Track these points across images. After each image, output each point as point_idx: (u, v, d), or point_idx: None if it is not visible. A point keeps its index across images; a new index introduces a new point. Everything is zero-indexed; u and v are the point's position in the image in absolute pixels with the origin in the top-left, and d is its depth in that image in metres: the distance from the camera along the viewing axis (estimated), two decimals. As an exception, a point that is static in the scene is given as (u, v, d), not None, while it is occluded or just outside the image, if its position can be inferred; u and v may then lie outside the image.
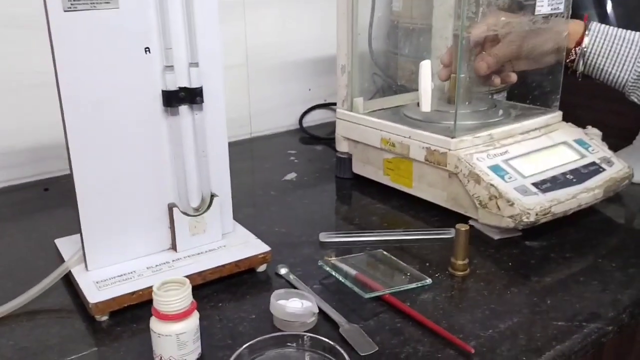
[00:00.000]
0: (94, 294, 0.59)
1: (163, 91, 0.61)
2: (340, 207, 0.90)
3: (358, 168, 0.94)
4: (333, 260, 0.69)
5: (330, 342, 0.53)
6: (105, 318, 0.59)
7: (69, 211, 0.62)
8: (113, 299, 0.59)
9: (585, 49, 0.84)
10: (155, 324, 0.51)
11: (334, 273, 0.66)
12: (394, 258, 0.70)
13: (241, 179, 0.98)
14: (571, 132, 0.86)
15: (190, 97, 0.63)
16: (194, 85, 0.62)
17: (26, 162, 0.96)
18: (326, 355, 0.53)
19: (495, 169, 0.75)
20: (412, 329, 0.58)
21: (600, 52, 0.83)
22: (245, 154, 1.13)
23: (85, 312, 0.60)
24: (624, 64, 0.83)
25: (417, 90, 0.88)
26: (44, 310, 0.61)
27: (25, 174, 0.96)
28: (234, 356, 0.51)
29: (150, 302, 0.55)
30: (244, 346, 0.52)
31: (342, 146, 0.95)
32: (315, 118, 1.29)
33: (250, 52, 1.16)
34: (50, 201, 0.90)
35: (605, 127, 0.95)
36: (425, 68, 0.79)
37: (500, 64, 0.84)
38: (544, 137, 0.84)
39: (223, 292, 0.64)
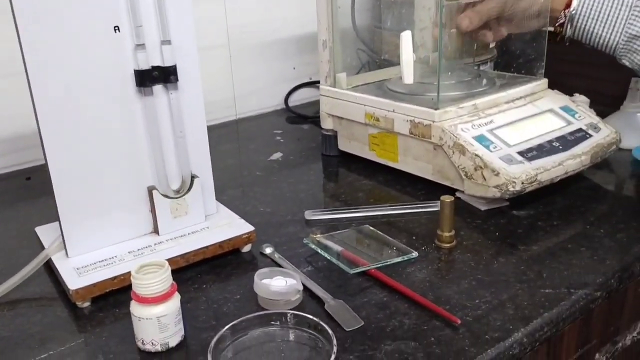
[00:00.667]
0: (74, 280, 0.58)
1: (135, 71, 0.60)
2: (326, 185, 0.89)
3: (344, 145, 0.92)
4: (319, 237, 0.68)
5: (314, 318, 0.52)
6: (87, 304, 0.58)
7: (51, 200, 0.61)
8: (94, 284, 0.58)
9: (574, 12, 0.81)
10: (135, 308, 0.51)
11: (319, 250, 0.65)
12: (380, 233, 0.69)
13: (226, 161, 0.96)
14: (557, 99, 0.85)
15: (163, 76, 0.61)
16: (167, 63, 0.61)
17: (7, 151, 0.95)
18: (311, 332, 0.52)
19: (480, 139, 0.74)
20: (398, 302, 0.57)
21: (589, 14, 0.80)
22: (231, 135, 1.12)
23: (67, 299, 0.59)
24: (614, 26, 0.79)
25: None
26: (25, 299, 0.60)
27: (6, 163, 0.95)
28: (216, 337, 0.50)
29: (131, 286, 0.55)
30: (227, 327, 0.51)
31: (326, 123, 0.93)
32: (301, 97, 1.27)
33: (231, 31, 1.14)
34: (32, 190, 0.88)
35: (594, 94, 0.94)
36: (406, 39, 0.77)
37: (483, 20, 0.83)
38: (529, 105, 0.82)
39: (207, 274, 0.63)
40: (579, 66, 1.14)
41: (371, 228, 0.70)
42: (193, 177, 0.67)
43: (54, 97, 0.57)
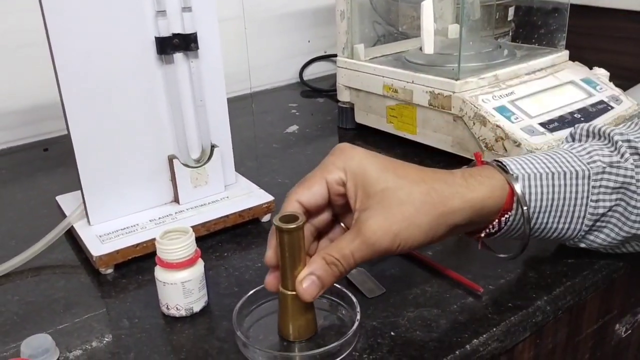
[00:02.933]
0: (97, 247, 0.58)
1: (156, 38, 0.59)
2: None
3: (361, 117, 0.92)
4: (338, 207, 0.68)
5: (337, 285, 0.52)
6: (110, 271, 0.59)
7: (70, 170, 0.61)
8: (117, 251, 0.58)
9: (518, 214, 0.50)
10: (160, 273, 0.51)
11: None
12: (399, 204, 0.69)
13: (242, 134, 0.96)
14: (578, 71, 0.84)
15: (184, 43, 0.61)
16: (188, 30, 0.60)
17: (25, 123, 0.95)
18: (333, 299, 0.52)
19: (501, 109, 0.73)
20: (420, 271, 0.57)
21: (541, 207, 0.50)
22: (246, 108, 1.11)
23: (90, 266, 0.60)
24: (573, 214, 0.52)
25: (418, 36, 0.86)
26: (48, 266, 0.61)
27: (24, 134, 0.95)
28: (239, 303, 0.50)
29: (154, 254, 0.55)
30: (250, 293, 0.51)
31: (343, 96, 0.93)
32: (316, 71, 1.26)
33: (246, 3, 1.13)
34: (51, 161, 0.89)
35: (612, 68, 0.93)
36: (427, 8, 0.76)
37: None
38: (550, 77, 0.81)
39: (228, 243, 0.64)
40: (597, 40, 1.13)
41: (390, 199, 0.70)
42: (213, 146, 0.67)
43: (76, 64, 0.57)
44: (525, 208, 0.49)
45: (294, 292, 0.46)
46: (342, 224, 0.50)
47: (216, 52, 0.64)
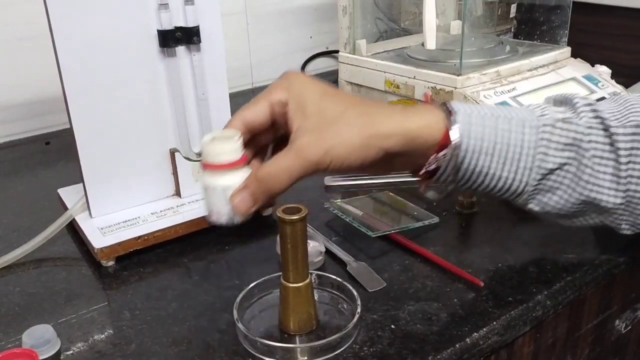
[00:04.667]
0: (99, 240, 0.58)
1: (159, 31, 0.59)
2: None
3: (362, 113, 0.92)
4: (339, 202, 0.68)
5: (338, 278, 0.52)
6: (111, 263, 0.59)
7: (71, 164, 0.61)
8: (119, 244, 0.58)
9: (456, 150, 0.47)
10: (204, 177, 0.47)
11: (340, 214, 0.65)
12: (400, 199, 0.69)
13: (244, 128, 0.96)
14: (580, 67, 0.84)
15: (187, 37, 0.61)
16: (190, 24, 0.60)
17: (27, 116, 0.95)
18: (334, 292, 0.53)
19: (503, 105, 0.73)
20: (420, 265, 0.57)
21: (481, 149, 0.48)
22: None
23: (91, 258, 0.60)
24: (518, 162, 0.49)
25: (420, 32, 0.86)
26: (50, 258, 0.61)
27: (26, 128, 0.95)
28: (240, 295, 0.50)
29: (155, 246, 0.55)
30: (251, 285, 0.52)
31: (345, 91, 0.93)
32: (318, 67, 1.26)
33: (248, -1, 1.13)
34: (52, 154, 0.89)
35: (613, 66, 0.93)
36: (430, 4, 0.76)
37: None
38: (552, 73, 0.81)
39: (229, 236, 0.64)
40: (600, 37, 1.13)
41: (391, 194, 0.70)
42: (215, 140, 0.67)
43: (79, 57, 0.57)
44: (457, 138, 0.47)
45: (295, 285, 0.46)
46: None
47: (219, 45, 0.64)
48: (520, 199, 0.51)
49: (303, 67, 1.23)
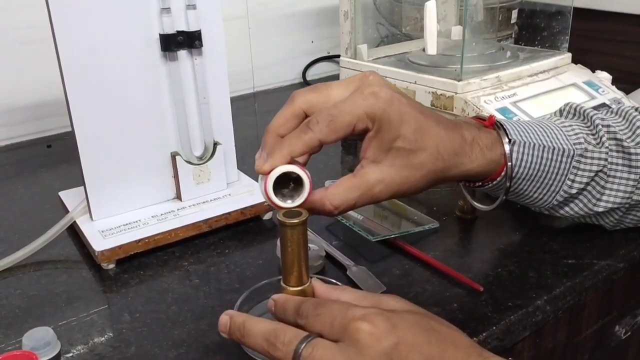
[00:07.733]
0: (99, 242, 0.58)
1: (161, 35, 0.60)
2: (345, 157, 0.89)
3: (363, 117, 0.92)
4: (339, 206, 0.68)
5: (337, 282, 0.52)
6: (111, 266, 0.59)
7: (73, 167, 0.61)
8: (119, 246, 0.58)
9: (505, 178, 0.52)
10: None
11: (340, 218, 0.66)
12: (400, 203, 0.69)
13: (245, 132, 0.96)
14: (581, 73, 0.84)
15: (189, 41, 0.61)
16: (192, 28, 0.61)
17: (28, 119, 0.95)
18: (334, 296, 0.53)
19: (503, 111, 0.73)
20: (420, 270, 0.57)
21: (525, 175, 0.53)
22: (248, 108, 1.12)
23: (92, 261, 0.60)
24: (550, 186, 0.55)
25: (421, 37, 0.87)
26: (50, 260, 0.61)
27: (27, 131, 0.95)
28: (240, 298, 0.50)
29: (156, 249, 0.55)
30: (250, 289, 0.52)
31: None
32: (319, 71, 1.26)
33: (250, 3, 1.14)
34: (54, 157, 0.89)
35: (614, 72, 0.93)
36: (431, 9, 0.77)
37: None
38: (552, 79, 0.82)
39: (230, 240, 0.64)
40: (601, 43, 1.13)
41: (391, 199, 0.70)
42: (216, 143, 0.67)
43: (81, 60, 0.57)
44: (509, 170, 0.52)
45: (295, 288, 0.46)
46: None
47: (220, 49, 0.64)
48: (536, 209, 0.58)
49: (304, 71, 1.23)
